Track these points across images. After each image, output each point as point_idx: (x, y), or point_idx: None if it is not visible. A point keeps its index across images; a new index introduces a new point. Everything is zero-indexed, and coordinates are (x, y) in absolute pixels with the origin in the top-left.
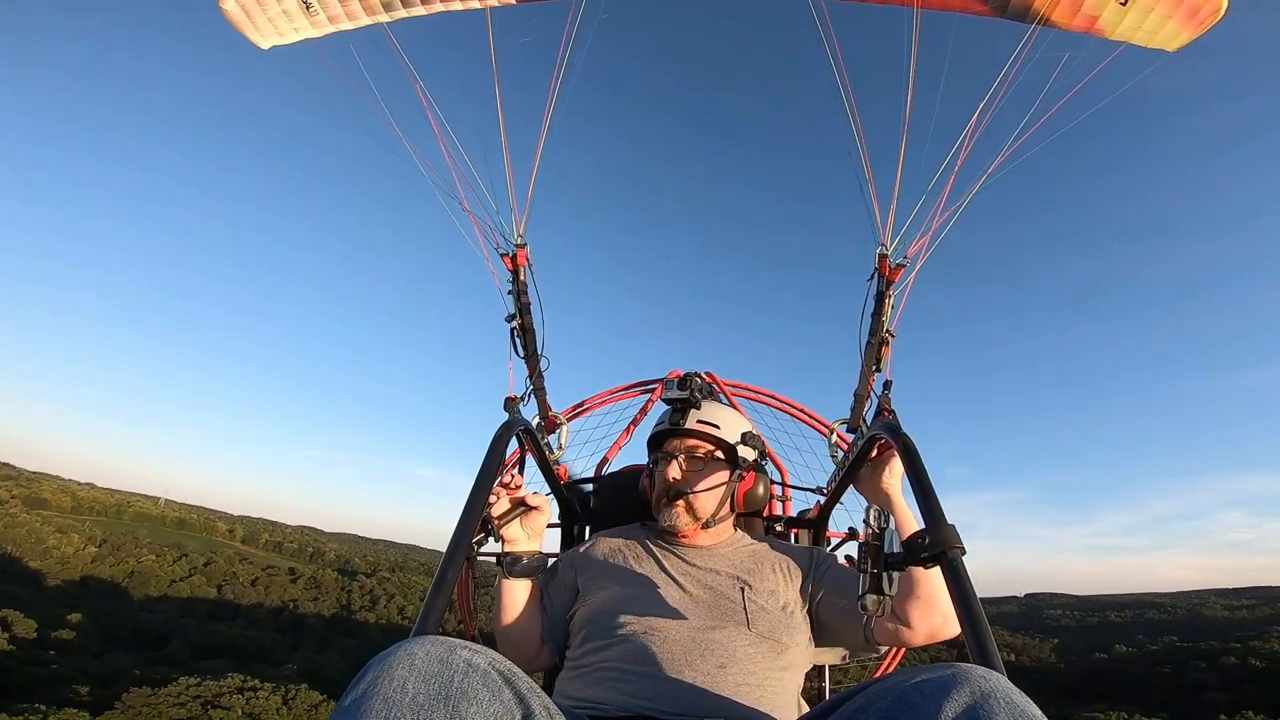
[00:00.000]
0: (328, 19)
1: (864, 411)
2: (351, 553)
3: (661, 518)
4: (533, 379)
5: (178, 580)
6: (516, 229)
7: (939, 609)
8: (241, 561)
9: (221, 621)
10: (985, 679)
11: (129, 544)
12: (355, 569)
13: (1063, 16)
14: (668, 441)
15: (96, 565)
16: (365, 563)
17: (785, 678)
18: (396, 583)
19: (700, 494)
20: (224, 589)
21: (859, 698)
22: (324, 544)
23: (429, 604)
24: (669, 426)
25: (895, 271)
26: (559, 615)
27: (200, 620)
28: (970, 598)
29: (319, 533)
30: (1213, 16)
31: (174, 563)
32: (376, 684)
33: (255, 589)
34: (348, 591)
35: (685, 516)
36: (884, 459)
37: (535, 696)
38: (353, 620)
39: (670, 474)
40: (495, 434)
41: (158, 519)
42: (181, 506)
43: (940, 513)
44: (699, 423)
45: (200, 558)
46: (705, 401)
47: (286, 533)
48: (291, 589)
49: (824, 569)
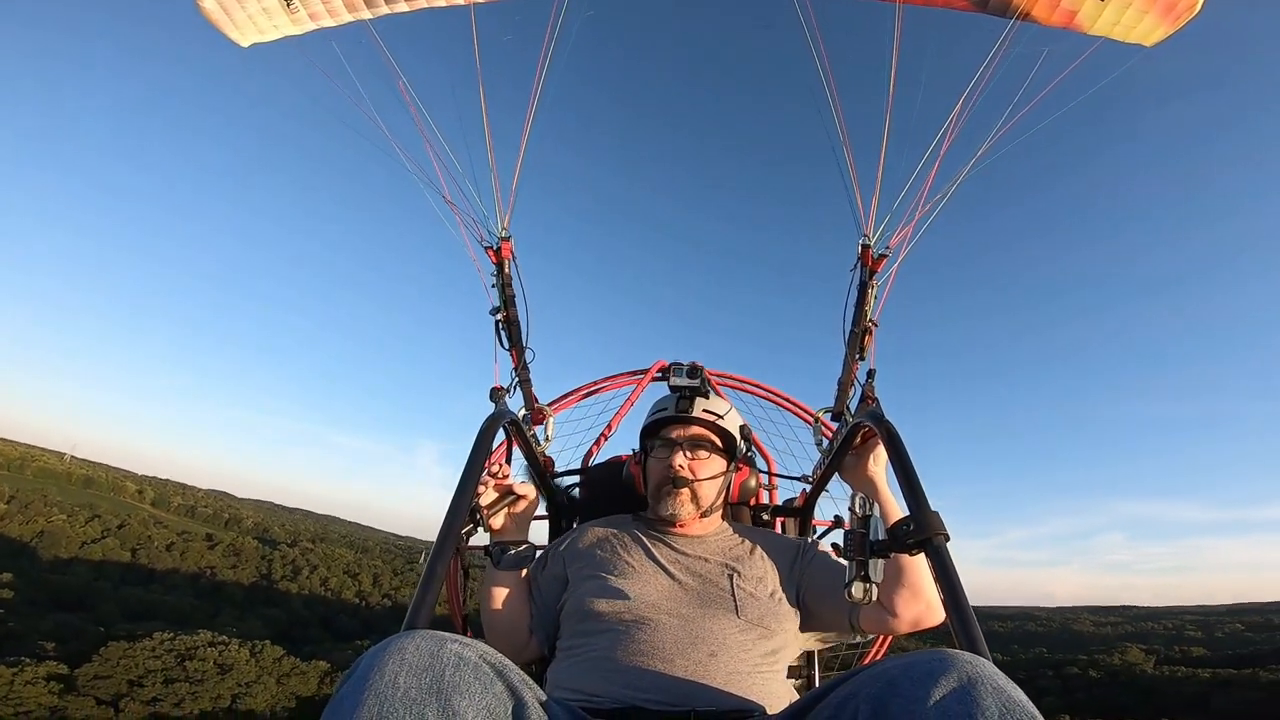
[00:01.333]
0: (308, 16)
1: (848, 400)
2: (269, 521)
3: (661, 506)
4: (518, 370)
5: (90, 542)
6: (500, 222)
7: (923, 596)
8: (156, 525)
9: (136, 586)
10: (972, 664)
11: (38, 502)
12: (275, 538)
13: (1042, 12)
14: (670, 429)
15: (4, 523)
16: (285, 532)
17: (775, 665)
18: (320, 554)
19: (703, 482)
20: (138, 553)
21: (848, 684)
22: (239, 510)
23: (419, 598)
24: (674, 413)
25: (878, 262)
26: (548, 606)
27: (114, 584)
28: (955, 584)
29: (231, 498)
30: (1189, 11)
31: (86, 524)
32: (368, 678)
33: (171, 554)
34: (268, 560)
35: (689, 505)
36: (868, 447)
37: (527, 688)
38: (274, 589)
39: (675, 462)
40: (482, 425)
41: (64, 476)
42: (87, 464)
43: (924, 499)
44: (705, 412)
45: (114, 519)
46: (710, 391)
47: (198, 496)
48: (209, 555)
49: (810, 557)
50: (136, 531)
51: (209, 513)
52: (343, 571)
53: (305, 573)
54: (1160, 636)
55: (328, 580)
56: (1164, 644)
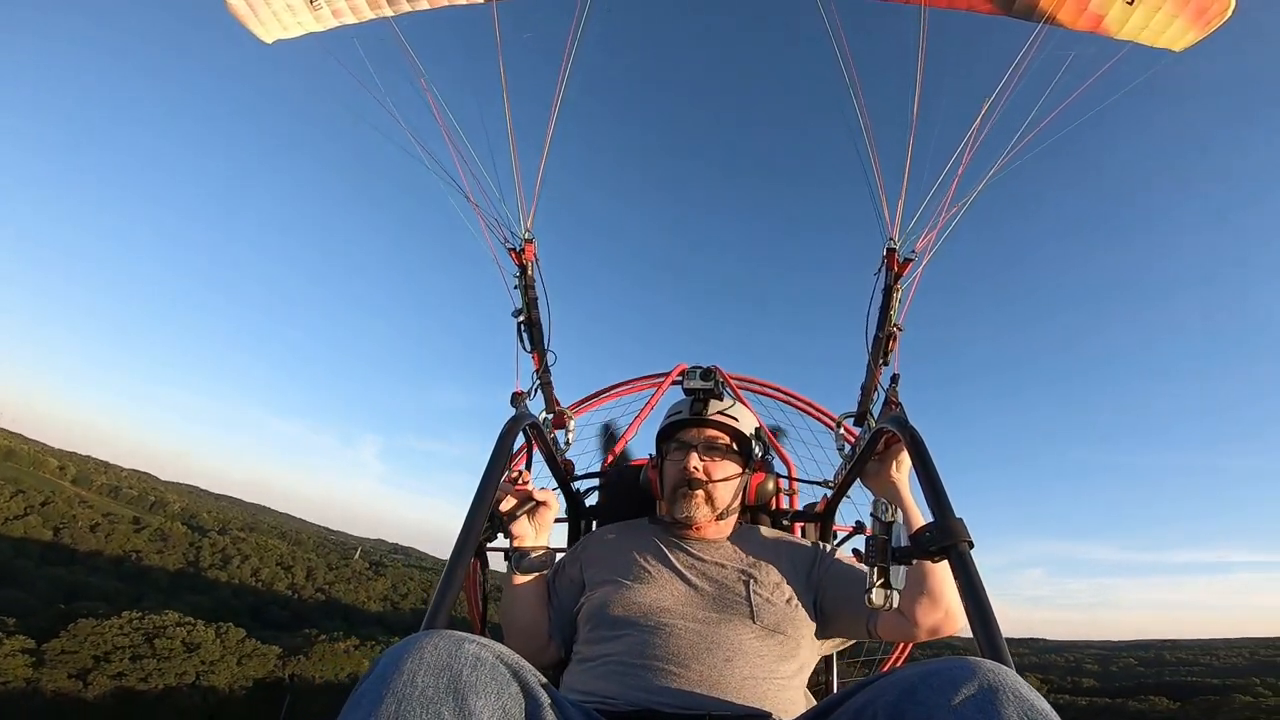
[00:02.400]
0: (331, 13)
1: (870, 405)
2: (195, 506)
3: (677, 509)
4: (539, 373)
5: (11, 518)
6: (524, 224)
7: (942, 604)
8: (81, 505)
9: (58, 565)
10: (994, 672)
11: None
12: (203, 525)
13: (1068, 15)
14: (685, 431)
15: None
16: (213, 519)
17: (791, 671)
18: (252, 544)
19: (719, 484)
20: (61, 532)
21: (867, 691)
22: (164, 494)
23: (438, 599)
24: (689, 416)
25: (903, 265)
26: (566, 610)
27: (35, 563)
28: (979, 591)
29: (155, 480)
30: (1220, 16)
31: (11, 498)
32: (386, 677)
33: (96, 535)
34: (197, 547)
35: (705, 507)
36: (891, 452)
37: (543, 689)
38: (201, 577)
39: (690, 464)
40: (503, 429)
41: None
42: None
43: (948, 505)
44: (719, 414)
45: (37, 495)
46: (725, 395)
47: (121, 476)
48: (135, 539)
49: (829, 562)
50: (61, 509)
51: (134, 494)
52: (275, 563)
53: (236, 562)
54: (1060, 668)
55: (259, 571)
56: (1060, 675)
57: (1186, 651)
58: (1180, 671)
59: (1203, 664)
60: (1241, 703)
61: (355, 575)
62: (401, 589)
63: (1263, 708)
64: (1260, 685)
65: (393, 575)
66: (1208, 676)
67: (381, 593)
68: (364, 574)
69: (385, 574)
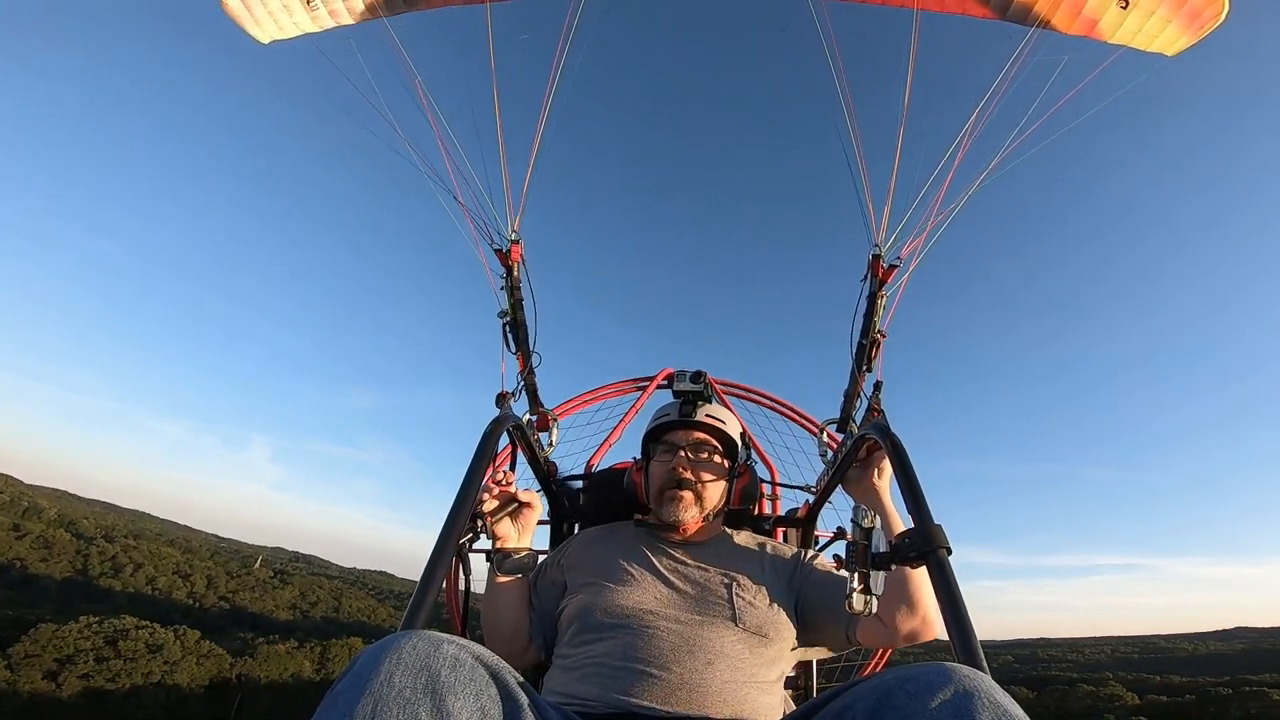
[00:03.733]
0: (328, 14)
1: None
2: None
3: (665, 511)
4: (524, 375)
5: None
6: (511, 225)
7: (920, 611)
8: None
9: None
10: (970, 678)
11: None
12: (85, 532)
13: (1063, 20)
14: (673, 433)
15: None
16: (93, 526)
17: (772, 674)
18: (145, 551)
19: (707, 485)
20: None
21: (845, 695)
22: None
23: (416, 600)
24: (677, 418)
25: (888, 272)
26: (548, 612)
27: None
28: (956, 597)
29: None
30: (1214, 20)
31: None
32: (363, 677)
33: None
34: (84, 555)
35: (693, 509)
36: (873, 459)
37: (522, 691)
38: (93, 586)
39: (678, 466)
40: (486, 429)
41: None
42: None
43: (928, 512)
44: (708, 417)
45: None
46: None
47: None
48: (18, 546)
49: (810, 567)
50: None
51: (5, 499)
52: (171, 571)
53: (129, 570)
54: None
55: (154, 580)
56: None
57: (1057, 649)
58: (1051, 667)
59: (1070, 660)
60: (1084, 691)
61: (260, 584)
62: (310, 597)
63: (1102, 695)
64: (1113, 679)
65: (300, 583)
66: (1071, 671)
67: (289, 601)
68: (268, 582)
69: (291, 582)
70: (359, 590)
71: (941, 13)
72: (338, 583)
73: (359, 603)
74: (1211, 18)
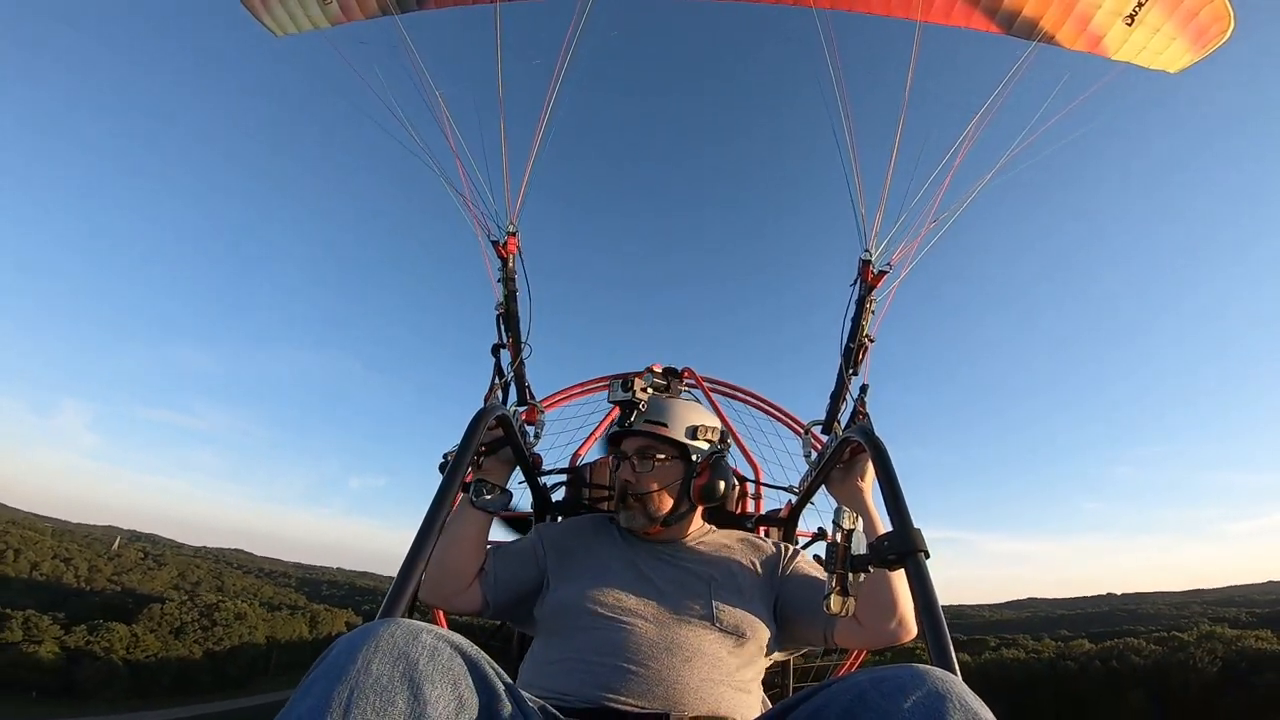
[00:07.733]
0: (341, 10)
1: (839, 413)
2: None
3: (622, 518)
4: (514, 366)
5: None
6: (509, 217)
7: (896, 613)
8: None
9: None
10: (942, 680)
11: None
12: None
13: (1067, 36)
14: (622, 441)
15: None
16: None
17: (749, 673)
18: (17, 537)
19: (651, 494)
20: None
21: (821, 695)
22: None
23: (397, 587)
24: (619, 428)
25: (878, 278)
26: (510, 575)
27: None
28: (932, 599)
29: None
30: (1219, 37)
31: None
32: (340, 664)
33: None
34: None
35: (641, 517)
36: (856, 462)
37: (499, 680)
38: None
39: (623, 475)
40: (472, 418)
41: None
42: None
43: (907, 515)
44: (646, 423)
45: None
46: (655, 399)
47: None
48: None
49: (790, 567)
50: None
51: None
52: (50, 555)
53: (10, 557)
54: None
55: (38, 565)
56: None
57: None
58: None
59: None
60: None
61: (137, 565)
62: (191, 576)
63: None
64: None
65: (176, 563)
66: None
67: (172, 581)
68: (143, 564)
69: (166, 563)
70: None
71: (946, 25)
72: (210, 562)
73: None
74: (1218, 35)
